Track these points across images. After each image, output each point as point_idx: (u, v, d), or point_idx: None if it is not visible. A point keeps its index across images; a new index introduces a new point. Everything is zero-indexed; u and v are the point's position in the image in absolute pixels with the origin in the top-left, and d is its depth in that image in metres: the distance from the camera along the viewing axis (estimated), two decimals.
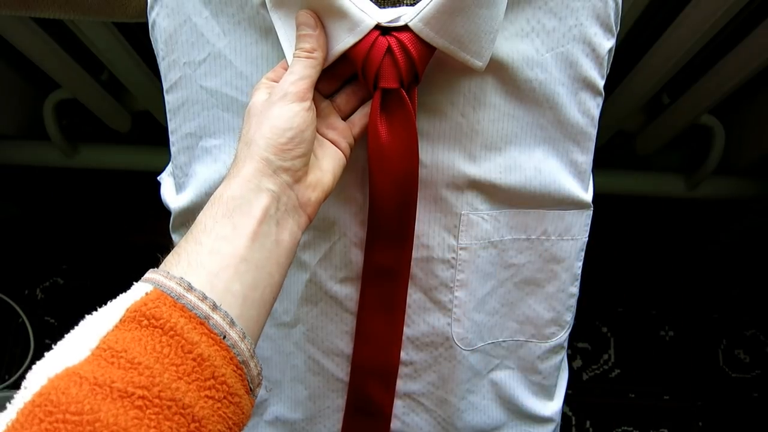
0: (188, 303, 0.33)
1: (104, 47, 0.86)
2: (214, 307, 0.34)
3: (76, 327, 0.32)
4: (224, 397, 0.32)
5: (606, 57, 0.47)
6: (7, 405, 0.28)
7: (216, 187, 0.40)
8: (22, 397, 0.28)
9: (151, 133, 1.10)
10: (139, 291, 0.34)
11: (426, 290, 0.53)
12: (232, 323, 0.34)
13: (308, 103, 0.41)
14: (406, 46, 0.41)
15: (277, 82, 0.42)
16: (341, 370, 0.57)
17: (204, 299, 0.34)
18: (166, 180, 0.56)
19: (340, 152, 0.45)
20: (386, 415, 0.57)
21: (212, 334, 0.33)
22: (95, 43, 0.85)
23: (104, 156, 1.15)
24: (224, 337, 0.33)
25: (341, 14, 0.40)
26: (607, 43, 0.47)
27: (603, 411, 1.18)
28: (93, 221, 1.28)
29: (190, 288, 0.34)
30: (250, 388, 0.35)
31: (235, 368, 0.34)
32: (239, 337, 0.34)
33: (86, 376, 0.29)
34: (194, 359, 0.32)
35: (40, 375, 0.29)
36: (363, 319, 0.53)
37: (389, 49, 0.41)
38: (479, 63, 0.43)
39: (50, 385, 0.28)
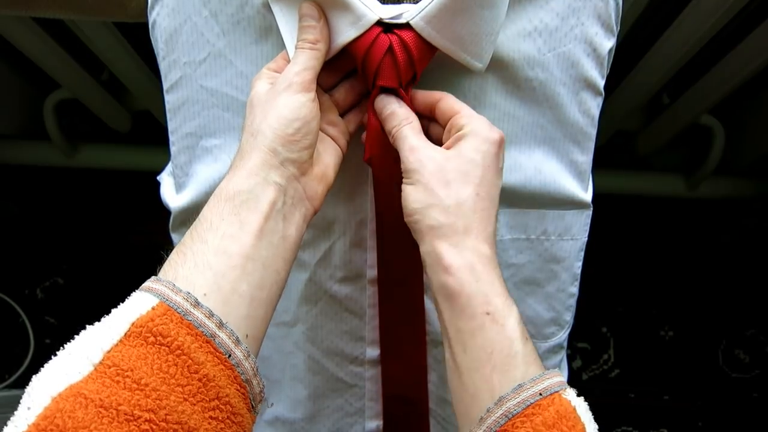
0: (195, 320, 0.32)
1: (104, 47, 0.86)
2: (221, 324, 0.33)
3: (75, 337, 0.31)
4: (227, 417, 0.32)
5: (607, 57, 0.47)
6: (8, 424, 0.28)
7: (216, 187, 0.39)
8: (25, 419, 0.27)
9: (151, 133, 1.10)
10: (143, 304, 0.33)
11: (425, 289, 0.53)
12: (237, 341, 0.34)
13: (313, 94, 0.41)
14: (408, 46, 0.41)
15: (278, 72, 0.42)
16: (341, 370, 0.57)
17: (210, 316, 0.33)
18: (165, 180, 0.56)
19: (339, 148, 0.45)
20: (425, 415, 0.57)
21: (218, 353, 0.33)
22: (95, 43, 0.85)
23: (104, 156, 1.16)
24: (229, 355, 0.33)
25: (344, 7, 0.40)
26: (608, 43, 0.47)
27: (603, 411, 1.18)
28: (93, 221, 1.28)
29: (197, 304, 0.33)
30: (252, 405, 0.35)
31: (239, 387, 0.33)
32: (244, 355, 0.34)
33: (92, 397, 0.28)
34: (200, 380, 0.31)
35: (42, 393, 0.28)
36: (386, 327, 0.53)
37: (390, 48, 0.41)
38: (479, 65, 0.43)
39: (55, 406, 0.27)
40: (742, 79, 0.85)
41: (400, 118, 0.42)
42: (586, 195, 0.52)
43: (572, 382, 0.94)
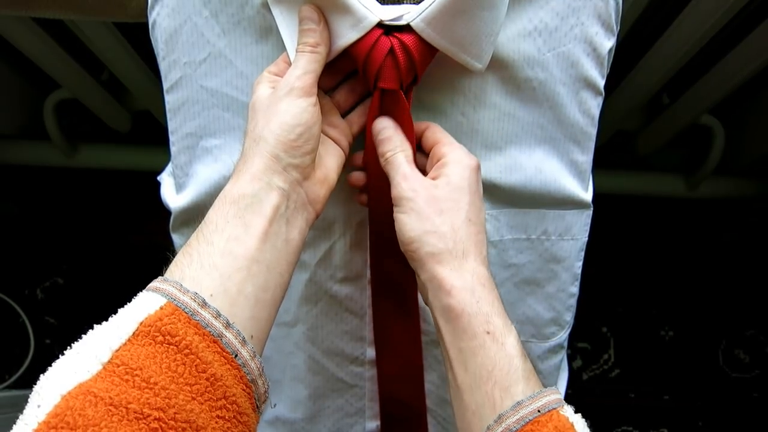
0: (202, 320, 0.33)
1: (104, 47, 0.86)
2: (227, 325, 0.34)
3: (83, 336, 0.32)
4: (234, 417, 0.33)
5: (607, 57, 0.47)
6: (18, 422, 0.28)
7: (217, 187, 0.40)
8: (35, 416, 0.28)
9: (151, 133, 1.10)
10: (151, 303, 0.33)
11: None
12: (243, 342, 0.34)
13: (314, 99, 0.41)
14: (409, 49, 0.41)
15: (279, 76, 0.42)
16: (341, 370, 0.57)
17: (217, 317, 0.33)
18: (166, 180, 0.56)
19: (341, 150, 0.45)
20: (422, 415, 0.57)
21: (225, 353, 0.33)
22: (95, 43, 0.85)
23: (104, 156, 1.16)
24: (236, 355, 0.33)
25: (344, 10, 0.40)
26: (608, 43, 0.47)
27: (603, 411, 1.19)
28: (93, 221, 1.28)
29: (204, 304, 0.33)
30: (257, 405, 0.35)
31: (245, 387, 0.34)
32: (250, 356, 0.34)
33: (101, 395, 0.28)
34: (207, 379, 0.32)
35: (52, 391, 0.28)
36: (381, 328, 0.53)
37: (391, 50, 0.41)
38: (479, 65, 0.43)
39: (65, 404, 0.28)
40: (742, 79, 0.85)
41: (395, 144, 0.43)
42: (587, 195, 0.52)
43: (572, 382, 0.94)
